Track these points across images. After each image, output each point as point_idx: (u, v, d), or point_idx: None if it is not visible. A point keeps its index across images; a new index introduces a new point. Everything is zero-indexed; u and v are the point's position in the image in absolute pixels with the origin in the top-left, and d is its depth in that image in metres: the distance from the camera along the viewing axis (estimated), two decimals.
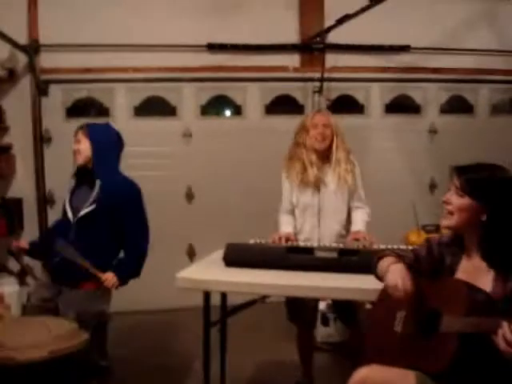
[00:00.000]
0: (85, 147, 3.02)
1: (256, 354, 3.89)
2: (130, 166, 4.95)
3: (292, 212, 3.25)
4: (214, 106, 5.11)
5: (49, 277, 3.03)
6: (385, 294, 2.10)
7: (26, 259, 3.62)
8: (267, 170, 4.96)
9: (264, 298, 2.99)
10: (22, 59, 4.75)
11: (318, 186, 3.13)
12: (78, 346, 2.46)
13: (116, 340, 3.54)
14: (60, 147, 4.93)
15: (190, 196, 5.11)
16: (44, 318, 2.67)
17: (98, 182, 2.97)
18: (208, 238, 4.64)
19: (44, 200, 4.95)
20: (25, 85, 4.83)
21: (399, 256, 2.15)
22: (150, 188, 4.94)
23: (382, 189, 4.74)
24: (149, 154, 4.99)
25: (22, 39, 4.66)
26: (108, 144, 3.10)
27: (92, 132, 3.05)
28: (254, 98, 5.10)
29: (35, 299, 2.99)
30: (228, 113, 5.20)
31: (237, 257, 2.79)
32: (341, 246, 2.81)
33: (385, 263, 2.12)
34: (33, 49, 4.70)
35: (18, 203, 4.92)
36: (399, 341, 1.99)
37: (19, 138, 4.88)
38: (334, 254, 2.68)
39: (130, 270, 3.00)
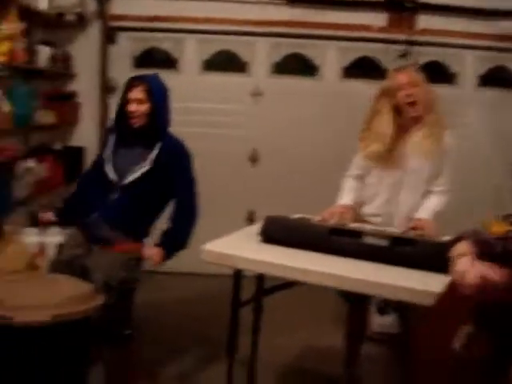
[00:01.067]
0: (146, 108, 2.72)
1: (294, 338, 3.61)
2: (194, 122, 4.77)
3: (360, 178, 2.89)
4: (289, 64, 4.72)
5: (81, 234, 2.83)
6: (447, 297, 1.67)
7: None
8: (341, 137, 4.59)
9: None
10: (92, 4, 4.58)
11: (397, 160, 2.72)
12: (87, 312, 2.26)
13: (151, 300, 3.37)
14: None
15: (254, 159, 4.81)
16: (61, 277, 2.49)
17: (158, 144, 2.74)
18: (270, 205, 4.33)
19: None
20: (94, 31, 4.67)
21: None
22: (213, 147, 4.76)
23: (463, 169, 4.20)
24: (214, 111, 4.73)
25: None
26: (167, 103, 2.84)
27: (155, 91, 2.75)
28: (332, 58, 4.66)
29: (66, 255, 2.80)
30: (303, 73, 4.77)
31: (274, 233, 2.47)
32: (396, 232, 2.42)
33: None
34: None
35: (79, 152, 4.83)
36: (456, 364, 1.56)
37: (85, 86, 4.75)
38: (385, 242, 2.30)
39: (179, 242, 2.77)
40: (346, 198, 2.84)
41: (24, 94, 3.73)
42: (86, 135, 4.82)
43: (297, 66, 4.73)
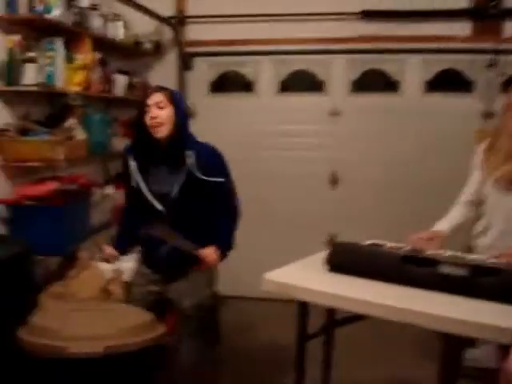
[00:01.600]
0: (168, 112, 2.48)
1: (374, 373, 3.33)
2: (272, 144, 4.68)
3: (470, 205, 2.66)
4: (367, 81, 4.51)
5: (149, 268, 2.71)
6: None
7: None
8: (426, 156, 4.34)
9: None
10: (168, 32, 4.63)
11: None
12: (145, 343, 2.18)
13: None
14: (204, 122, 4.77)
15: (333, 181, 4.63)
16: (125, 307, 2.44)
17: (189, 153, 2.50)
18: (351, 229, 4.18)
19: None
20: (171, 58, 4.73)
21: None
22: (291, 169, 4.64)
23: None
24: (292, 132, 4.62)
25: (170, 11, 4.54)
26: (187, 111, 2.78)
27: (175, 96, 2.55)
28: (413, 72, 4.41)
29: (138, 293, 2.68)
30: (383, 89, 4.54)
31: (341, 261, 2.29)
32: (476, 260, 2.16)
33: None
34: (178, 21, 4.55)
35: None
36: None
37: None
38: (464, 272, 2.05)
39: (226, 244, 2.69)
40: (443, 224, 2.60)
41: (100, 122, 3.80)
42: None
43: (376, 82, 4.51)
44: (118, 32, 4.07)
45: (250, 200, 4.69)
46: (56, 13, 3.25)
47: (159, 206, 2.56)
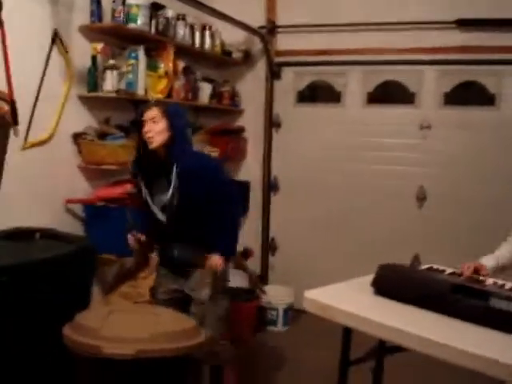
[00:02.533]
0: (161, 126, 2.62)
1: None
2: (356, 157, 4.53)
3: None
4: (461, 93, 4.24)
5: (166, 269, 2.88)
6: None
7: None
8: None
9: None
10: (257, 41, 4.66)
11: None
12: (180, 350, 2.18)
13: None
14: (288, 133, 4.76)
15: (420, 198, 4.39)
16: (168, 311, 2.46)
17: (174, 166, 2.63)
18: (435, 250, 3.95)
19: (268, 185, 4.82)
20: (260, 68, 4.75)
21: None
22: (377, 183, 4.47)
23: None
24: (379, 146, 4.44)
25: (259, 21, 4.56)
26: (185, 123, 2.84)
27: (170, 110, 2.69)
28: None
29: (162, 293, 2.86)
30: (478, 102, 4.23)
31: (387, 284, 2.15)
32: None
33: None
34: (267, 31, 4.56)
35: (245, 186, 4.90)
36: None
37: (252, 122, 4.83)
38: None
39: (228, 246, 2.82)
40: (489, 260, 2.39)
41: None
42: (252, 170, 4.88)
43: (470, 95, 4.23)
44: (205, 41, 4.15)
45: (332, 212, 4.62)
46: (139, 22, 3.38)
47: (161, 217, 2.70)
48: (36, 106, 3.07)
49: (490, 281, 2.19)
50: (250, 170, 4.91)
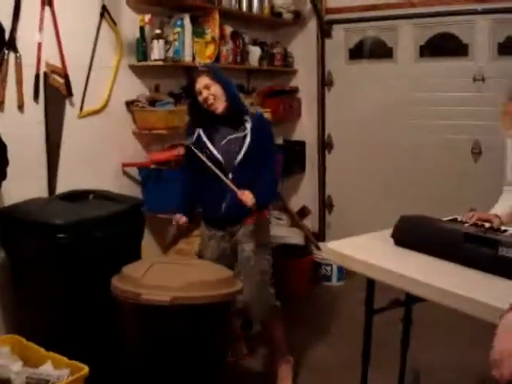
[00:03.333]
0: (216, 89, 2.80)
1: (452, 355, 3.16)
2: (411, 113, 4.49)
3: None
4: None
5: (212, 227, 3.00)
6: None
7: None
8: None
9: None
10: (308, 1, 4.67)
11: None
12: (215, 298, 2.37)
13: None
14: (340, 91, 4.78)
15: (476, 153, 4.32)
16: (204, 263, 2.66)
17: (247, 118, 2.86)
18: (490, 203, 3.90)
19: (323, 144, 4.90)
20: (311, 27, 4.77)
21: None
22: (431, 138, 4.43)
23: None
24: (431, 100, 4.39)
25: None
26: (230, 82, 3.00)
27: (216, 72, 2.88)
28: None
29: (212, 252, 2.97)
30: None
31: (405, 235, 2.22)
32: None
33: None
34: None
35: (301, 146, 5.00)
36: None
37: (305, 82, 4.89)
38: None
39: (266, 188, 2.92)
40: (498, 207, 2.41)
41: None
42: (307, 129, 4.96)
43: None
44: (252, 5, 4.23)
45: (386, 169, 4.63)
46: None
47: (222, 159, 2.85)
48: (89, 79, 3.30)
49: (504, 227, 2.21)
50: (305, 130, 4.99)
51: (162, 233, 3.80)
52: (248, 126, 2.83)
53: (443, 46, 4.36)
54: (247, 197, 2.79)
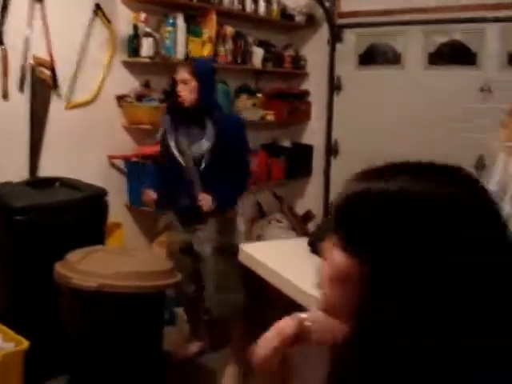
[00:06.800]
0: (192, 87, 2.86)
1: None
2: (418, 121, 4.35)
3: None
4: None
5: (179, 223, 3.11)
6: None
7: None
8: None
9: None
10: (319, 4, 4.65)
11: None
12: (141, 288, 2.44)
13: None
14: (349, 96, 4.72)
15: (480, 166, 4.16)
16: (145, 253, 2.74)
17: (210, 121, 2.89)
18: None
19: (329, 149, 4.85)
20: (324, 31, 4.74)
21: None
22: (435, 148, 4.27)
23: None
24: (437, 109, 4.26)
25: None
26: (213, 82, 3.09)
27: (200, 70, 2.93)
28: None
29: (174, 243, 3.12)
30: None
31: (318, 244, 2.20)
32: None
33: None
34: None
35: (308, 149, 4.99)
36: None
37: (316, 85, 4.86)
38: None
39: (230, 198, 3.02)
40: None
41: (223, 93, 4.07)
42: (315, 133, 4.94)
43: None
44: (258, 6, 4.25)
45: None
46: None
47: (183, 162, 2.95)
48: (78, 72, 3.45)
49: None
50: (314, 134, 4.96)
51: (148, 225, 3.90)
52: (209, 127, 2.87)
53: (452, 54, 4.22)
54: (205, 201, 2.88)
